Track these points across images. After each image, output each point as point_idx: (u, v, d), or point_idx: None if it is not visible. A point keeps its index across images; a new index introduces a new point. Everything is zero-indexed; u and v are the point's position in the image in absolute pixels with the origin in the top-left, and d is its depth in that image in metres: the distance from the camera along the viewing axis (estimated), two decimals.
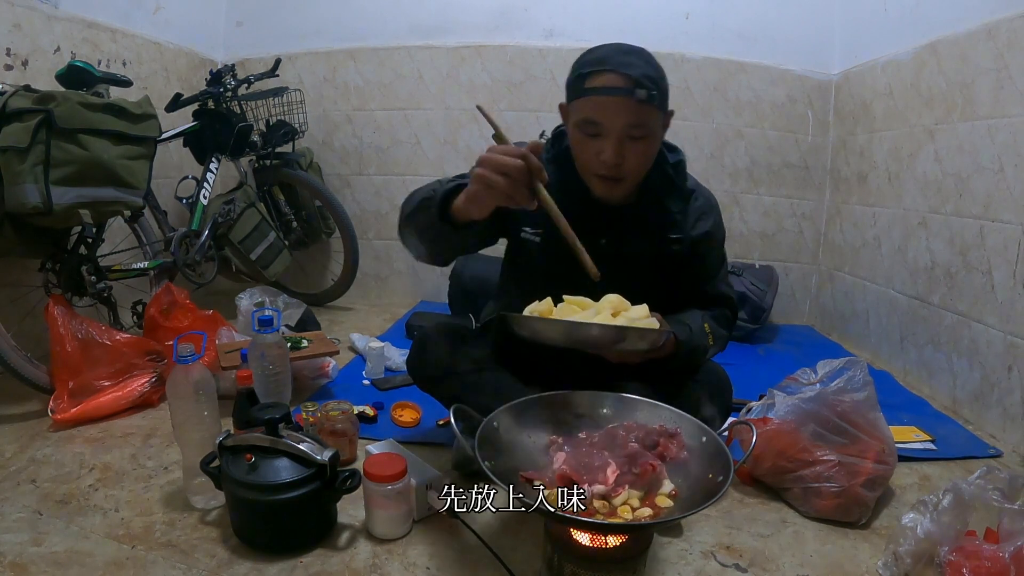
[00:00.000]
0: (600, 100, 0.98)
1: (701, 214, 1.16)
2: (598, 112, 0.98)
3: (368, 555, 0.96)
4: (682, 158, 1.16)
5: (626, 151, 1.00)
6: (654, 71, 1.00)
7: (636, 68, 0.97)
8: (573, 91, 1.02)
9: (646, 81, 0.97)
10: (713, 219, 1.17)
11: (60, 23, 1.81)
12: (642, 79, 0.96)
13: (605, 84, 0.97)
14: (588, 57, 1.02)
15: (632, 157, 1.01)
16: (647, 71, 0.98)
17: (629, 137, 0.99)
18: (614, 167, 1.01)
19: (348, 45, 2.58)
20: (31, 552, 0.93)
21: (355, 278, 2.47)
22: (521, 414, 0.87)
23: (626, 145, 0.99)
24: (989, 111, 1.54)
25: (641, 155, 1.03)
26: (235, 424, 1.13)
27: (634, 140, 1.00)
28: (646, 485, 0.77)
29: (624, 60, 0.98)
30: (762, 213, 2.52)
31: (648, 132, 1.01)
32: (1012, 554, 0.80)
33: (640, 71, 0.97)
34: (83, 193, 1.40)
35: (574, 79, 1.02)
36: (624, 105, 0.97)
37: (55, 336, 1.41)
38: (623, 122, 0.98)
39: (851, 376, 1.14)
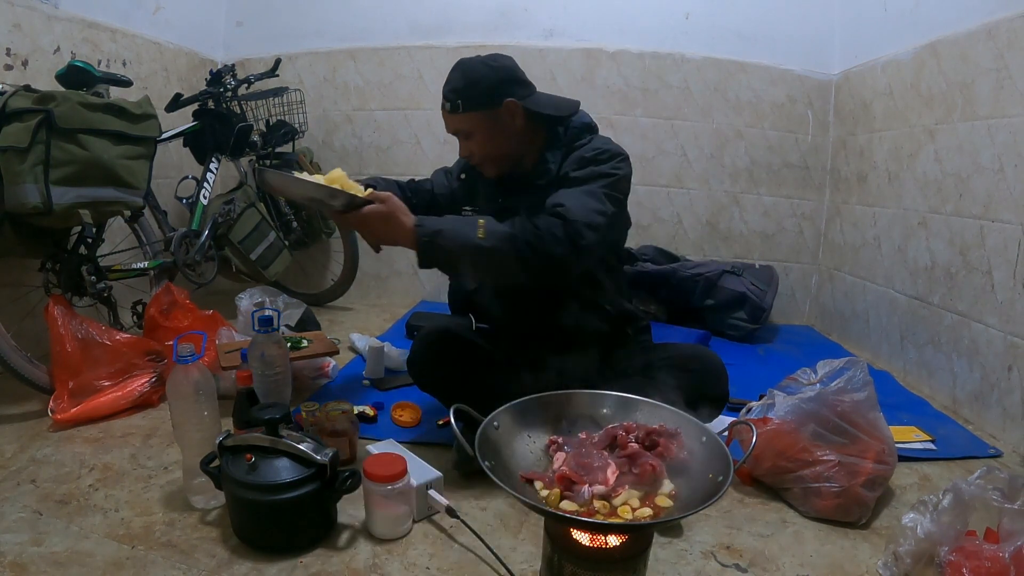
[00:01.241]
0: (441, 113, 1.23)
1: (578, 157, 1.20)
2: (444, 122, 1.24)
3: (368, 555, 0.96)
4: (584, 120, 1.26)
5: (465, 146, 1.24)
6: (463, 82, 1.18)
7: (450, 83, 1.20)
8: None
9: (451, 94, 1.19)
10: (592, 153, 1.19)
11: (60, 23, 1.81)
12: (448, 93, 1.20)
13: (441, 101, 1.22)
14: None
15: (476, 149, 1.24)
16: (455, 85, 1.19)
17: (463, 137, 1.23)
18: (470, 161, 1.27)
19: (348, 45, 2.58)
20: (31, 552, 0.93)
21: (355, 278, 2.47)
22: (521, 414, 0.87)
23: (464, 143, 1.24)
24: (989, 111, 1.54)
25: (481, 146, 1.23)
26: (235, 424, 1.13)
27: (466, 138, 1.23)
28: (646, 485, 0.77)
29: (449, 77, 1.21)
30: (762, 213, 2.52)
31: (474, 130, 1.21)
32: (1012, 554, 0.80)
33: (451, 85, 1.19)
34: (83, 193, 1.40)
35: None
36: (446, 116, 1.23)
37: (55, 336, 1.41)
38: (451, 128, 1.24)
39: (851, 376, 1.14)
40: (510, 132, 1.22)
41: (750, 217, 2.52)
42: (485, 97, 1.19)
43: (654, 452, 0.81)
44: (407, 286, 2.75)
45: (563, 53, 2.46)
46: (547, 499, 0.76)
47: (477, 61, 1.21)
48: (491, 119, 1.20)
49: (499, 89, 1.20)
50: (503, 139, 1.23)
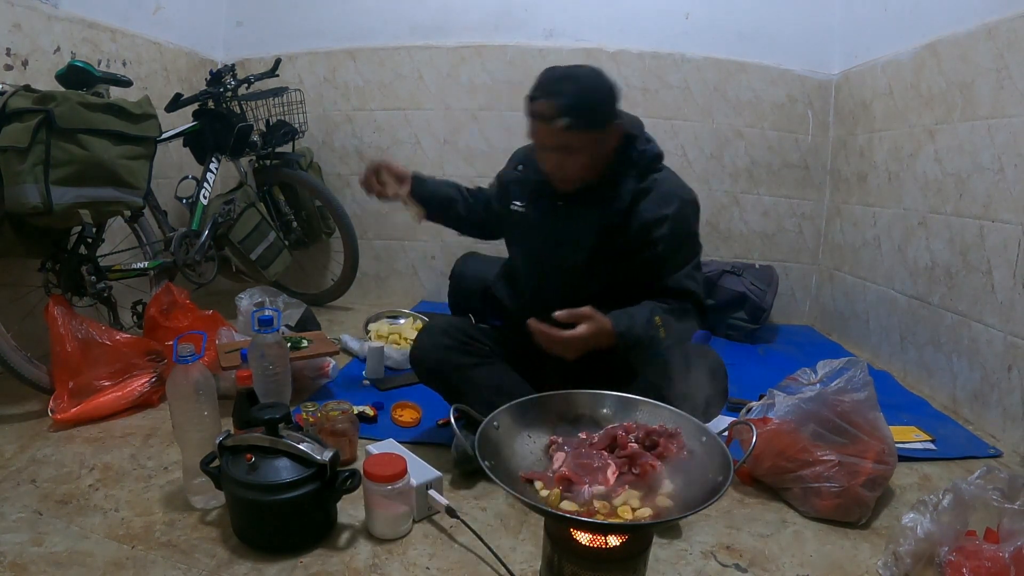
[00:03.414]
0: (533, 123, 1.13)
1: (658, 201, 1.19)
2: (532, 133, 1.14)
3: (368, 555, 0.96)
4: (656, 150, 1.23)
5: (559, 162, 1.15)
6: (581, 99, 1.08)
7: (564, 97, 1.07)
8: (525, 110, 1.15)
9: (568, 111, 1.07)
10: (673, 209, 1.19)
11: (60, 23, 1.81)
12: (564, 109, 1.07)
13: (536, 110, 1.10)
14: (538, 79, 1.13)
15: (567, 167, 1.15)
16: (572, 100, 1.07)
17: (560, 153, 1.13)
18: (552, 174, 1.17)
19: (348, 45, 2.58)
20: (31, 552, 0.93)
21: (355, 278, 2.47)
22: (521, 414, 0.87)
23: (560, 158, 1.14)
24: (989, 111, 1.54)
25: (575, 165, 1.15)
26: (235, 424, 1.13)
27: (565, 155, 1.13)
28: (646, 485, 0.77)
29: (556, 88, 1.09)
30: (762, 213, 2.51)
31: (577, 151, 1.12)
32: (1012, 554, 0.80)
33: (566, 100, 1.07)
34: (83, 193, 1.40)
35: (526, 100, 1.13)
36: (548, 131, 1.10)
37: (55, 336, 1.41)
38: (550, 144, 1.12)
39: (851, 376, 1.14)
40: (604, 153, 1.17)
41: (750, 217, 2.52)
42: (601, 117, 1.12)
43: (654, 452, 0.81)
44: (407, 286, 2.75)
45: (563, 53, 2.46)
46: (547, 499, 0.76)
47: (586, 72, 1.12)
48: (597, 141, 1.13)
49: (611, 110, 1.13)
50: (599, 160, 1.17)
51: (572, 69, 1.12)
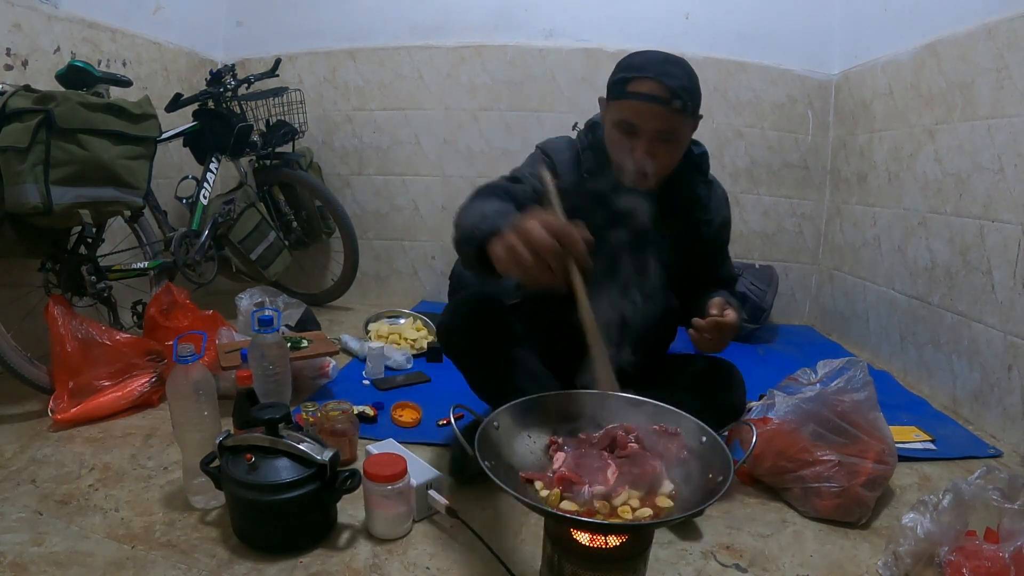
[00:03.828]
0: (638, 105, 1.05)
1: (722, 202, 1.27)
2: (635, 116, 1.05)
3: (368, 555, 0.96)
4: (705, 151, 1.24)
5: (655, 151, 1.07)
6: (691, 83, 1.06)
7: (675, 79, 1.03)
8: (614, 92, 1.09)
9: (683, 92, 1.03)
10: (729, 208, 1.29)
11: (60, 23, 1.81)
12: (679, 90, 1.03)
13: (644, 91, 1.04)
14: (632, 61, 1.08)
15: (661, 157, 1.08)
16: (684, 83, 1.05)
17: (660, 140, 1.06)
18: (643, 164, 1.08)
19: (348, 45, 2.58)
20: (31, 552, 0.93)
21: (355, 278, 2.47)
22: (521, 414, 0.87)
23: (656, 146, 1.07)
24: (989, 111, 1.54)
25: (669, 156, 1.10)
26: (235, 424, 1.13)
27: (664, 143, 1.07)
28: (646, 485, 0.77)
29: (664, 69, 1.04)
30: (762, 213, 2.51)
31: (678, 137, 1.09)
32: (1012, 554, 0.80)
33: (678, 82, 1.03)
34: (83, 193, 1.40)
35: (617, 81, 1.08)
36: (659, 112, 1.04)
37: (55, 336, 1.41)
38: (656, 127, 1.05)
39: (851, 376, 1.14)
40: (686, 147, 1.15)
41: (750, 217, 2.52)
42: (699, 105, 1.11)
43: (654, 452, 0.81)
44: (407, 286, 2.75)
45: (563, 53, 2.46)
46: (547, 499, 0.76)
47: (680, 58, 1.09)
48: (691, 131, 1.13)
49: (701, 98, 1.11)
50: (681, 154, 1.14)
51: (670, 54, 1.08)
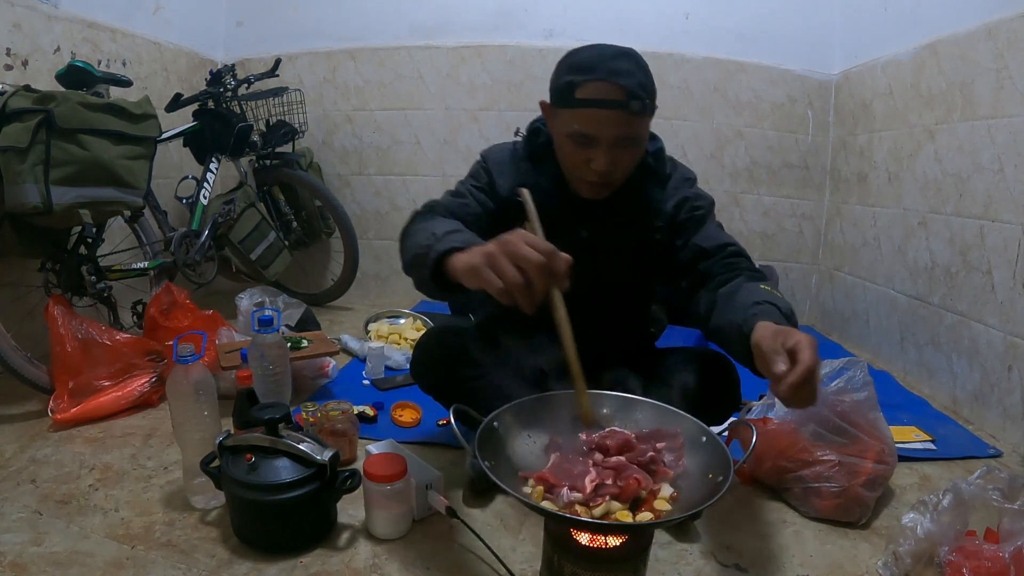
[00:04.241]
0: (592, 113, 0.95)
1: (676, 189, 1.13)
2: (590, 125, 0.96)
3: (368, 555, 0.96)
4: (660, 146, 1.13)
5: (616, 159, 0.99)
6: (646, 76, 0.97)
7: (629, 77, 0.94)
8: (561, 98, 0.99)
9: (640, 91, 0.94)
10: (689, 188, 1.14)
11: (60, 23, 1.81)
12: (636, 89, 0.94)
13: (597, 96, 0.94)
14: (575, 60, 0.98)
15: (623, 163, 1.01)
16: (640, 77, 0.95)
17: (619, 146, 0.98)
18: (605, 174, 1.00)
19: (348, 45, 2.58)
20: (31, 552, 0.93)
21: (355, 278, 2.47)
22: (521, 414, 0.87)
23: (616, 153, 0.98)
24: (989, 111, 1.54)
25: (630, 160, 1.02)
26: (235, 424, 1.13)
27: (624, 148, 0.99)
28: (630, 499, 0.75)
29: (615, 67, 0.94)
30: (762, 213, 2.51)
31: (639, 139, 1.01)
32: (1012, 554, 0.80)
33: (633, 79, 0.94)
34: (83, 193, 1.40)
35: (563, 85, 0.98)
36: (617, 118, 0.95)
37: (55, 336, 1.41)
38: (615, 134, 0.96)
39: (851, 376, 1.14)
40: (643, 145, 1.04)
41: (750, 217, 2.52)
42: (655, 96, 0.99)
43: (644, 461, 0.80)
44: (407, 286, 2.71)
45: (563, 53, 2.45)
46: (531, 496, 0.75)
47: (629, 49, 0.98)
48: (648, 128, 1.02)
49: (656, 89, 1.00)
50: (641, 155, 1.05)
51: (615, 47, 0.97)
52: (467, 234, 0.90)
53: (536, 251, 0.74)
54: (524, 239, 0.76)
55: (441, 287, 0.89)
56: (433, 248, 0.86)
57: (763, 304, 0.89)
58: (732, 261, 1.05)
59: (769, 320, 0.85)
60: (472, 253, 0.80)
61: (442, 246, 0.85)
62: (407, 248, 0.98)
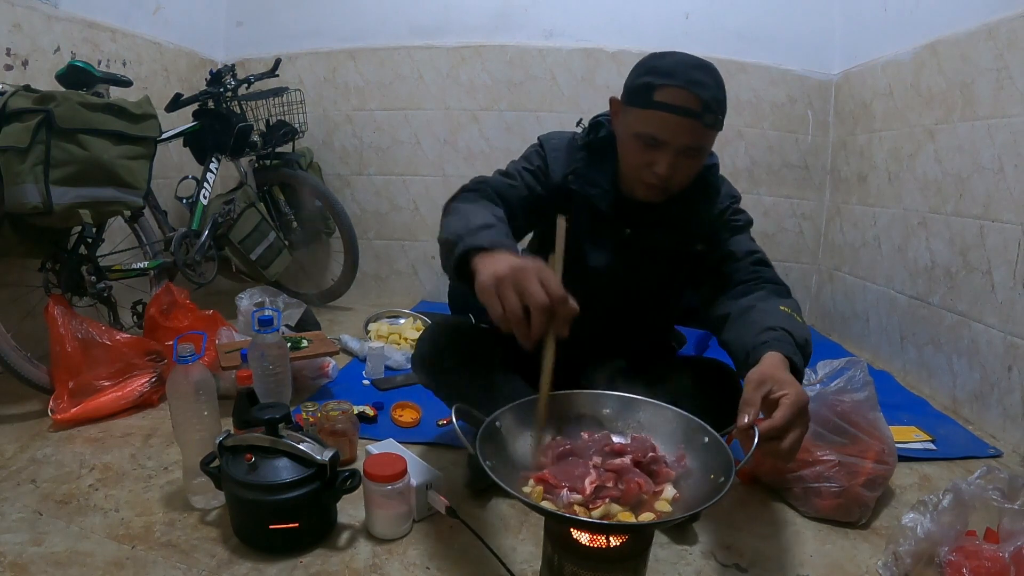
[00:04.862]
0: (667, 117, 0.95)
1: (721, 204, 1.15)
2: (662, 129, 0.96)
3: (368, 555, 0.96)
4: (716, 161, 1.14)
5: (678, 166, 0.99)
6: (722, 93, 0.97)
7: (707, 88, 0.94)
8: (636, 98, 0.98)
9: (715, 105, 0.95)
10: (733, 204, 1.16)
11: (60, 23, 1.81)
12: (712, 102, 0.94)
13: (674, 101, 0.94)
14: (659, 64, 0.97)
15: (683, 172, 1.01)
16: (716, 93, 0.96)
17: (684, 155, 0.98)
18: (665, 179, 0.99)
19: (348, 45, 2.58)
20: (31, 552, 0.93)
21: (355, 278, 2.47)
22: (523, 414, 0.87)
23: (680, 161, 0.98)
24: (989, 111, 1.54)
25: (692, 170, 1.02)
26: (235, 424, 1.13)
27: (688, 157, 0.99)
28: (631, 503, 0.75)
29: (696, 77, 0.94)
30: (762, 213, 2.51)
31: (703, 151, 1.01)
32: (1012, 554, 0.80)
33: (711, 93, 0.94)
34: (83, 193, 1.40)
35: (640, 86, 0.98)
36: (689, 126, 0.95)
37: (55, 336, 1.41)
38: (684, 142, 0.96)
39: (851, 376, 1.14)
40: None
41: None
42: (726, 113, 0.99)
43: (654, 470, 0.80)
44: (407, 286, 2.75)
45: (563, 53, 2.46)
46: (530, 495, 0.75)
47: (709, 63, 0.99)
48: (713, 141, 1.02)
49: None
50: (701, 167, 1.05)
51: (697, 58, 0.97)
52: (498, 231, 0.89)
53: (545, 292, 0.73)
54: (539, 274, 0.75)
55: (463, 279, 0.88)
56: (463, 240, 0.86)
57: (777, 331, 0.88)
58: (756, 269, 1.06)
59: (780, 351, 0.84)
60: (490, 264, 0.79)
61: (469, 242, 0.85)
62: (444, 226, 0.97)
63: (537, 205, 1.08)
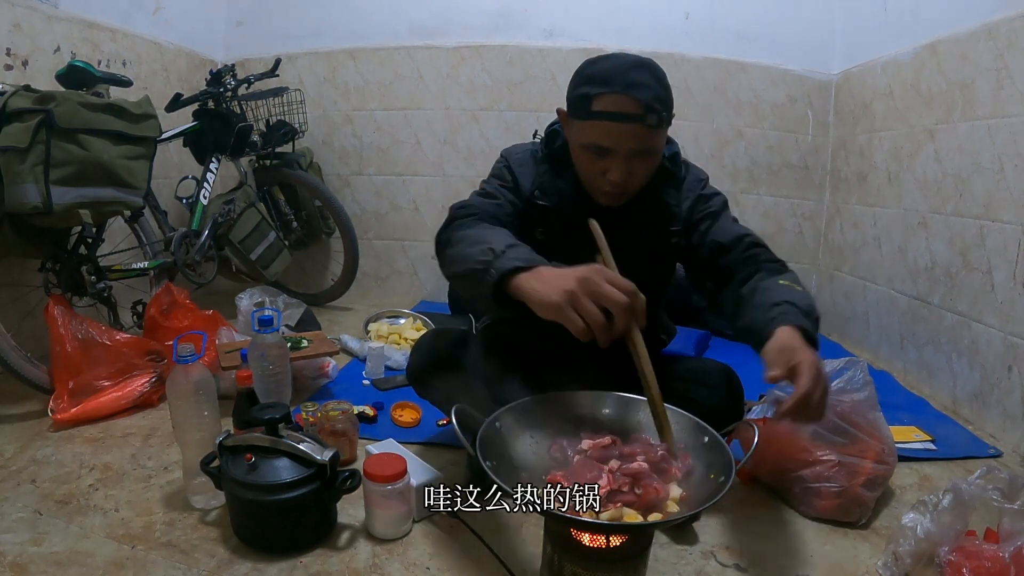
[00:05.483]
0: (607, 125, 0.94)
1: (690, 191, 1.14)
2: (606, 137, 0.95)
3: (368, 555, 0.96)
4: (676, 150, 1.14)
5: (632, 169, 0.98)
6: (664, 89, 0.96)
7: (646, 90, 0.93)
8: (577, 110, 0.99)
9: (657, 104, 0.93)
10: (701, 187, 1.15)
11: (60, 23, 1.81)
12: (653, 102, 0.93)
13: (614, 109, 0.93)
14: (594, 72, 0.97)
15: (639, 173, 1.00)
16: (657, 91, 0.94)
17: (635, 157, 0.98)
18: (621, 185, 0.99)
19: (348, 45, 2.58)
20: (31, 552, 0.93)
21: (355, 278, 2.47)
22: (523, 414, 0.87)
23: (632, 163, 0.98)
24: (989, 111, 1.54)
25: (647, 170, 1.02)
26: (235, 424, 1.12)
27: (640, 159, 0.99)
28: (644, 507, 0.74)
29: (632, 79, 0.93)
30: (762, 213, 2.51)
31: (655, 150, 1.00)
32: (1012, 554, 0.80)
33: (651, 92, 0.93)
34: (83, 193, 1.40)
35: (578, 97, 0.97)
36: (633, 131, 0.94)
37: (55, 336, 1.41)
38: (632, 146, 0.96)
39: (851, 376, 1.14)
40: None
41: (750, 217, 2.51)
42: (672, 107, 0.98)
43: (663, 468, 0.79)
44: (407, 286, 2.75)
45: (563, 53, 2.46)
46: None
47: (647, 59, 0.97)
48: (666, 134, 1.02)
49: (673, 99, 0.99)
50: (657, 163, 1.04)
51: (632, 57, 0.96)
52: (525, 248, 0.89)
53: (620, 290, 0.75)
54: (606, 277, 0.76)
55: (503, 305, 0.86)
56: (493, 266, 0.85)
57: (782, 305, 0.89)
58: (751, 254, 1.05)
59: (788, 323, 0.85)
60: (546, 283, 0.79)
61: (504, 264, 0.84)
62: (456, 257, 0.95)
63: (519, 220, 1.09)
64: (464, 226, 1.01)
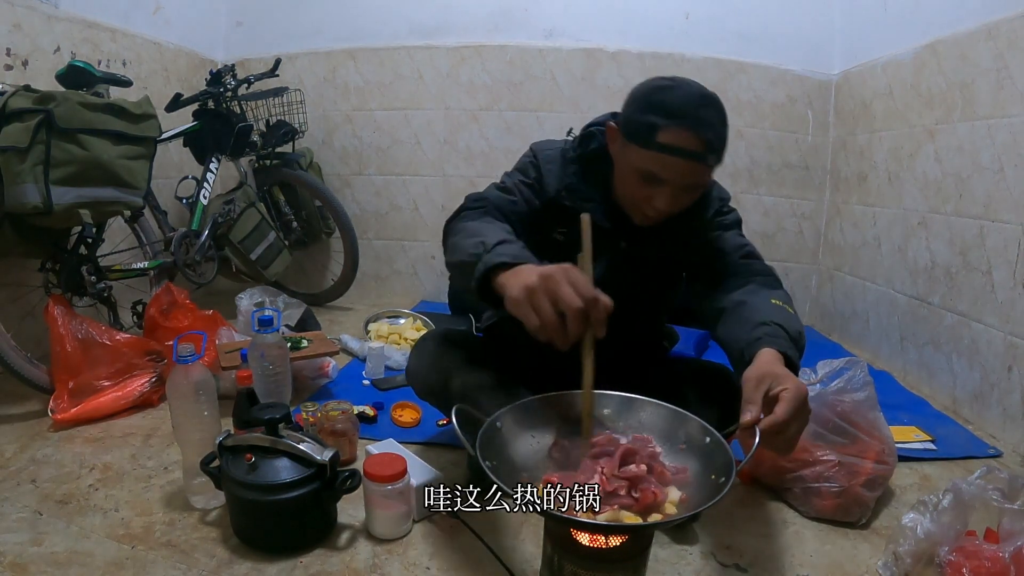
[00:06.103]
0: (669, 159, 0.92)
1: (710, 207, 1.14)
2: (664, 170, 0.93)
3: (368, 555, 0.96)
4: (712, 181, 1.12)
5: (679, 200, 0.98)
6: (724, 128, 0.95)
7: (711, 127, 0.92)
8: (638, 136, 0.95)
9: (718, 143, 0.93)
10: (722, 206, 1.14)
11: (60, 23, 1.81)
12: (715, 141, 0.92)
13: (679, 144, 0.91)
14: (664, 101, 0.93)
15: (683, 203, 1.00)
16: (720, 130, 0.93)
17: (684, 191, 0.97)
18: (664, 213, 0.99)
19: (348, 45, 2.58)
20: (31, 552, 0.93)
21: (355, 278, 2.47)
22: (524, 414, 0.87)
23: (680, 196, 0.98)
24: (989, 111, 1.54)
25: (690, 202, 1.01)
26: (235, 424, 1.13)
27: (689, 192, 0.99)
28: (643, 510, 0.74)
29: (700, 115, 0.91)
30: (762, 213, 2.51)
31: (704, 186, 1.01)
32: (1012, 554, 0.80)
33: (714, 132, 0.92)
34: (83, 193, 1.40)
35: (644, 125, 0.93)
36: (692, 168, 0.93)
37: (55, 336, 1.41)
38: (688, 182, 0.95)
39: (851, 376, 1.14)
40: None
41: (750, 217, 2.51)
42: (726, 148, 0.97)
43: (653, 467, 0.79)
44: (407, 286, 2.75)
45: (563, 53, 2.46)
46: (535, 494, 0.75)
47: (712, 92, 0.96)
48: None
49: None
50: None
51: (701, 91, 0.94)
52: (516, 245, 0.89)
53: (577, 294, 0.73)
54: (568, 278, 0.75)
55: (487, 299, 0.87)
56: (482, 260, 0.86)
57: (770, 325, 0.88)
58: (745, 262, 1.06)
59: (774, 347, 0.84)
60: (518, 278, 0.79)
61: (491, 259, 0.84)
62: (454, 247, 0.96)
63: (534, 219, 1.08)
64: (469, 217, 1.02)
